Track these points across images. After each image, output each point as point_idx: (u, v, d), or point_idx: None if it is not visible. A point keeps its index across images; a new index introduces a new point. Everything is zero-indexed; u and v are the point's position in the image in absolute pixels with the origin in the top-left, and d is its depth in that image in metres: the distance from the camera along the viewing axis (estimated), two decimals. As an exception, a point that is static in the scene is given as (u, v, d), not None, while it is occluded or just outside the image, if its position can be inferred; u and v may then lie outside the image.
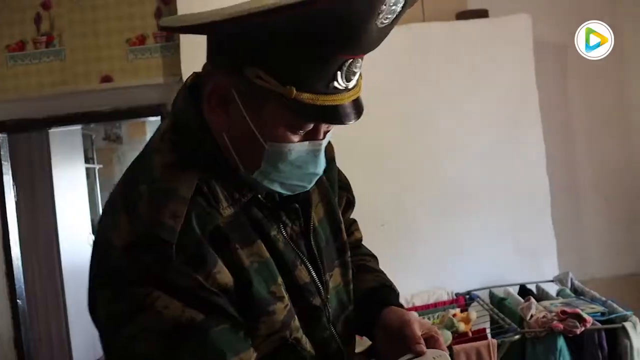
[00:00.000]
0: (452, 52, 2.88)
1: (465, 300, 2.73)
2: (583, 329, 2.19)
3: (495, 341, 2.20)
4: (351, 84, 0.80)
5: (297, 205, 0.93)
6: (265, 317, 0.82)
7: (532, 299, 2.39)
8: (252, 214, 0.87)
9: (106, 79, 3.09)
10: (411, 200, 2.86)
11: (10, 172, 3.28)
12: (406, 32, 2.72)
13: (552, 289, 2.70)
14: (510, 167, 2.87)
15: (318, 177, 0.89)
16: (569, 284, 2.67)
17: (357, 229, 1.16)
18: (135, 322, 0.75)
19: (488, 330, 2.38)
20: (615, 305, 2.34)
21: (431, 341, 0.91)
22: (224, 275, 0.79)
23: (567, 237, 2.98)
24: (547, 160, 2.89)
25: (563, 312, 2.21)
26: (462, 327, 2.30)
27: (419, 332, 0.90)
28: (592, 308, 2.32)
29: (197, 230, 0.78)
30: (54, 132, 4.14)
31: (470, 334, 2.30)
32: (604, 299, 2.43)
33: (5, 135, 3.26)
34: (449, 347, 2.14)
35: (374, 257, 1.14)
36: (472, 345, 2.17)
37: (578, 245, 3.04)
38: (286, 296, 0.85)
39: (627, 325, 2.21)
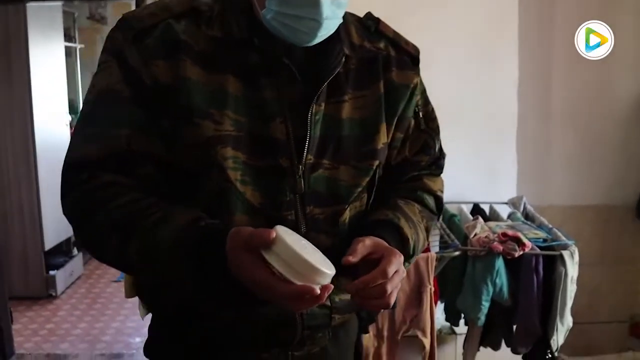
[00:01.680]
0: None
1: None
2: (522, 252, 2.24)
3: (434, 255, 2.26)
4: None
5: (293, 72, 0.97)
6: (189, 126, 0.93)
7: (480, 219, 2.43)
8: (249, 56, 0.97)
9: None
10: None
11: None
12: None
13: (505, 211, 2.74)
14: (480, 83, 2.83)
15: (321, 27, 0.93)
16: (522, 208, 2.72)
17: (431, 180, 1.16)
18: (94, 76, 0.99)
19: (432, 244, 2.43)
20: (559, 234, 2.39)
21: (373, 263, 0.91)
22: (160, 72, 0.93)
23: (531, 162, 2.98)
24: (520, 83, 2.86)
25: (504, 234, 2.26)
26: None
27: (361, 248, 0.91)
28: (535, 234, 2.37)
29: (159, 31, 0.95)
30: (32, 6, 4.02)
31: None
32: (550, 226, 2.48)
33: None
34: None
35: (427, 212, 1.13)
36: (412, 257, 2.23)
37: (541, 172, 3.04)
38: (228, 124, 0.94)
39: (565, 253, 2.27)
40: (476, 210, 2.74)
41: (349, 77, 1.04)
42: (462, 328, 2.63)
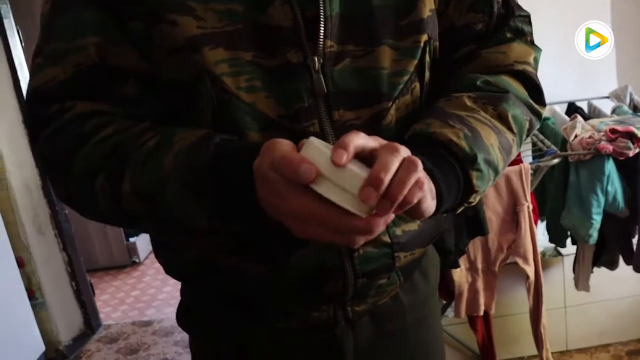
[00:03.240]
0: None
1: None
2: (638, 150, 1.85)
3: (528, 166, 1.90)
4: None
5: None
6: (163, 24, 0.71)
7: (579, 117, 2.03)
8: None
9: None
10: None
11: (11, 15, 3.04)
12: None
13: (607, 106, 2.32)
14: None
15: None
16: (627, 100, 2.28)
17: (500, 52, 0.83)
18: None
19: (524, 154, 2.07)
20: (681, 122, 1.96)
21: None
22: None
23: (631, 43, 2.52)
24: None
25: (613, 130, 1.86)
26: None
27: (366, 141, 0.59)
28: (651, 125, 1.95)
29: None
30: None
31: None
32: (668, 114, 2.06)
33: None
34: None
35: (491, 96, 0.78)
36: (501, 173, 1.89)
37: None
38: (215, 18, 0.71)
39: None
40: (572, 109, 2.33)
41: None
42: (569, 248, 2.29)
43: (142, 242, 4.35)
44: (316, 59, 0.73)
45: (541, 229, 2.27)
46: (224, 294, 0.87)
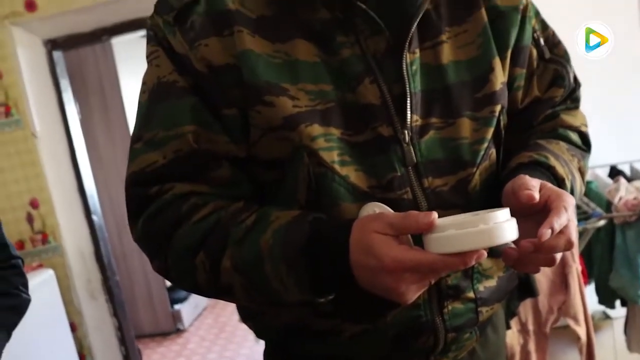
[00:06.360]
0: None
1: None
2: (683, 210, 1.88)
3: (576, 230, 1.93)
4: None
5: (380, 22, 0.80)
6: (259, 106, 0.78)
7: (622, 179, 2.08)
8: (316, 12, 0.81)
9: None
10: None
11: (70, 89, 3.24)
12: None
13: (649, 168, 2.35)
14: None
15: None
16: (670, 162, 2.32)
17: (570, 115, 0.96)
18: (144, 74, 0.86)
19: (569, 218, 2.10)
20: None
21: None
22: (212, 52, 0.79)
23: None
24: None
25: (658, 192, 1.90)
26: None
27: (535, 183, 0.74)
28: (696, 186, 1.98)
29: (202, 6, 0.80)
30: (117, 43, 4.07)
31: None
32: None
33: (60, 53, 3.20)
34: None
35: (575, 149, 0.93)
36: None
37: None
38: (308, 97, 0.78)
39: None
40: (614, 172, 2.37)
41: (441, 12, 0.85)
42: (618, 310, 2.27)
43: (187, 309, 4.41)
44: (406, 132, 0.80)
45: (589, 291, 2.27)
46: (316, 356, 0.90)
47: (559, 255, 0.72)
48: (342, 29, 0.80)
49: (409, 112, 0.80)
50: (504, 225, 0.65)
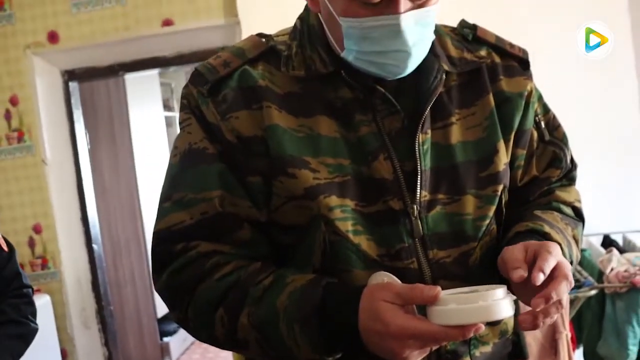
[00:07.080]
0: None
1: (540, 251, 2.50)
2: (671, 285, 1.94)
3: (567, 296, 1.99)
4: None
5: (394, 102, 0.87)
6: (283, 177, 0.85)
7: (615, 251, 2.15)
8: (338, 92, 0.88)
9: (167, 22, 3.01)
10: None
11: (82, 120, 3.32)
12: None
13: (641, 240, 2.43)
14: (597, 98, 2.58)
15: (410, 56, 0.83)
16: (662, 235, 2.39)
17: (565, 191, 1.01)
18: (176, 139, 0.92)
19: (562, 284, 2.16)
20: None
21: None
22: (242, 124, 0.86)
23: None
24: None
25: (648, 266, 1.97)
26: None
27: (519, 255, 0.79)
28: (685, 262, 2.05)
29: (234, 80, 0.87)
30: (130, 79, 4.17)
31: (541, 288, 2.10)
32: (700, 252, 2.15)
33: (76, 84, 3.29)
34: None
35: (569, 219, 0.98)
36: (541, 300, 1.98)
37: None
38: (327, 170, 0.85)
39: None
40: (607, 242, 2.44)
41: (453, 96, 0.92)
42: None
43: (176, 342, 4.40)
44: (415, 206, 0.86)
45: (577, 356, 2.31)
46: None
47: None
48: (361, 108, 0.87)
49: (418, 188, 0.87)
50: (501, 303, 0.72)
